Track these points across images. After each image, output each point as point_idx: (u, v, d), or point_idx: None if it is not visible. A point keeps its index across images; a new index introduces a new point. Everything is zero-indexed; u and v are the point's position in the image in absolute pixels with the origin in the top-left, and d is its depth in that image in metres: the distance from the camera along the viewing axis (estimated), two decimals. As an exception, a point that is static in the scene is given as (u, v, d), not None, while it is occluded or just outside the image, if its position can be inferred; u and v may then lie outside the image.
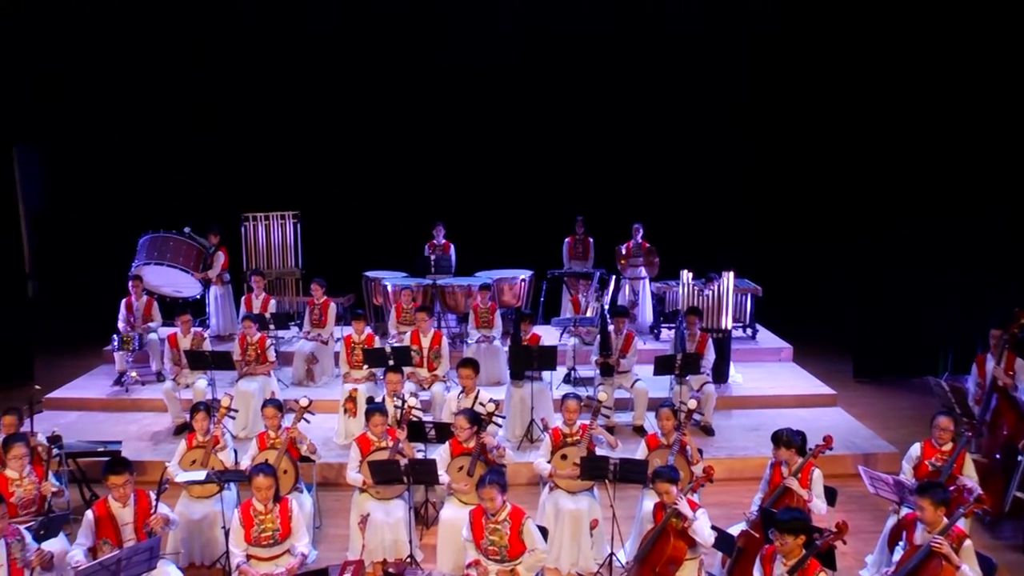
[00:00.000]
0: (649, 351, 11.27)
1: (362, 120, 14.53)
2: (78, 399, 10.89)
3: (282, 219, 12.92)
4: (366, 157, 14.60)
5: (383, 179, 14.65)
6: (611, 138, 14.49)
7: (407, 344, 9.92)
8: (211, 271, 12.27)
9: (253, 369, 10.12)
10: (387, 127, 14.51)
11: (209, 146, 14.39)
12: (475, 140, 14.47)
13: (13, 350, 11.94)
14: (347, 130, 14.59)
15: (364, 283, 12.61)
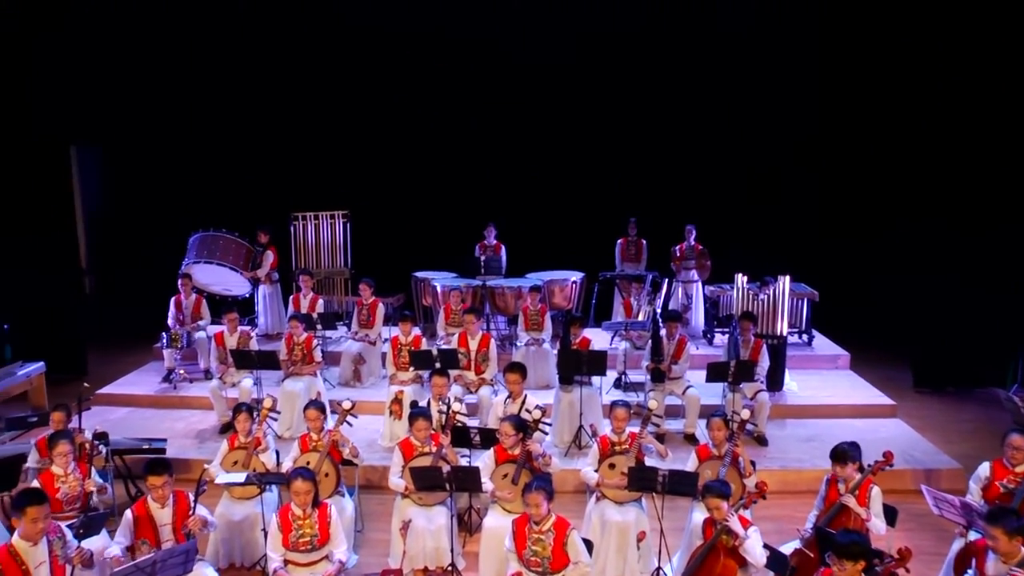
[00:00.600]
0: (702, 356, 11.01)
1: (413, 119, 14.46)
2: (127, 395, 10.94)
3: (331, 218, 12.87)
4: (417, 157, 14.53)
5: (434, 179, 14.57)
6: (664, 138, 14.25)
7: (454, 347, 9.77)
8: (260, 270, 12.27)
9: (299, 369, 10.04)
10: (439, 127, 14.43)
11: (260, 145, 14.42)
12: (528, 140, 14.32)
13: (68, 345, 12.05)
14: (398, 129, 14.54)
15: (413, 283, 12.52)
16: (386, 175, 14.50)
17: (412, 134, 14.47)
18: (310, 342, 10.13)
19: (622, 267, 13.07)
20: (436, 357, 9.23)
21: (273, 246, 12.39)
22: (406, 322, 10.05)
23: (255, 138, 14.37)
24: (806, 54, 13.57)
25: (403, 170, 14.51)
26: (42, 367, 10.49)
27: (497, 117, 14.25)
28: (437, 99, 14.36)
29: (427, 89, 14.30)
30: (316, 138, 14.31)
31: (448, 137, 14.43)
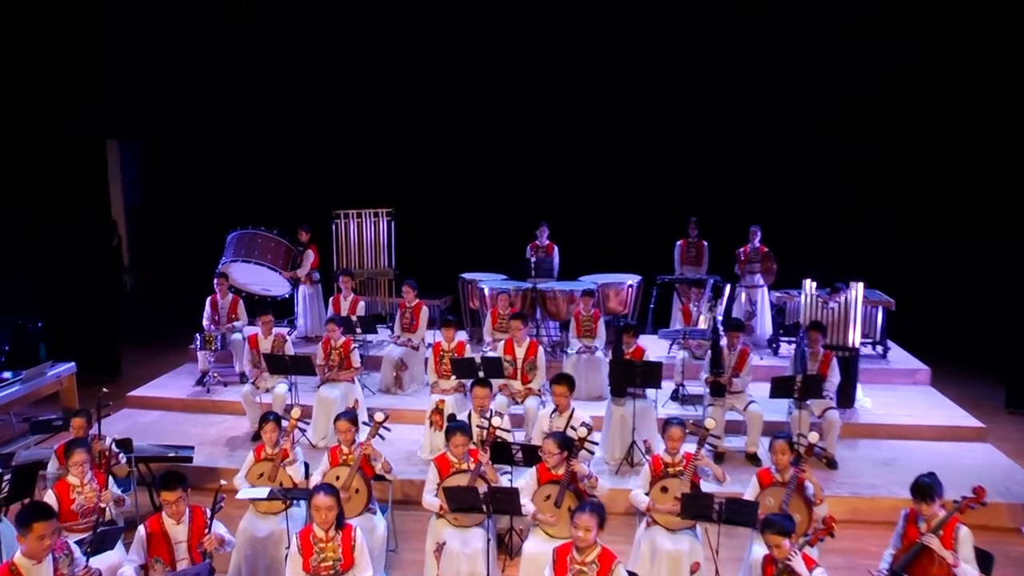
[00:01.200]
0: (766, 368, 10.57)
1: (462, 113, 14.32)
2: (159, 398, 10.89)
3: (375, 216, 12.68)
4: (466, 152, 14.38)
5: (484, 175, 14.40)
6: (728, 133, 13.84)
7: (500, 354, 9.47)
8: (300, 270, 12.15)
9: (336, 375, 9.83)
10: (490, 121, 14.26)
11: (301, 141, 14.42)
12: (584, 135, 14.08)
13: (102, 345, 12.09)
14: (446, 124, 14.40)
15: (460, 285, 12.34)
16: (433, 171, 14.37)
17: (461, 128, 14.33)
18: (348, 346, 9.92)
19: (681, 270, 12.71)
20: (479, 365, 8.95)
21: (314, 245, 12.26)
22: (449, 327, 9.80)
23: (297, 133, 14.37)
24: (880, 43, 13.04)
25: (451, 166, 14.37)
26: (73, 368, 10.45)
27: (551, 112, 14.03)
28: (488, 93, 14.18)
29: (478, 83, 14.13)
30: (360, 133, 14.25)
31: (499, 132, 14.24)
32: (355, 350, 9.98)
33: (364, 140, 14.29)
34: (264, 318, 10.10)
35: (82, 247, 11.95)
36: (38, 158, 12.12)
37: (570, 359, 10.57)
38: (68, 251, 11.95)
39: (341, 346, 9.90)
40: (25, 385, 9.74)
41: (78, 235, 11.95)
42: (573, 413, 7.89)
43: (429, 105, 14.26)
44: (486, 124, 14.26)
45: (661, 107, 13.84)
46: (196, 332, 10.91)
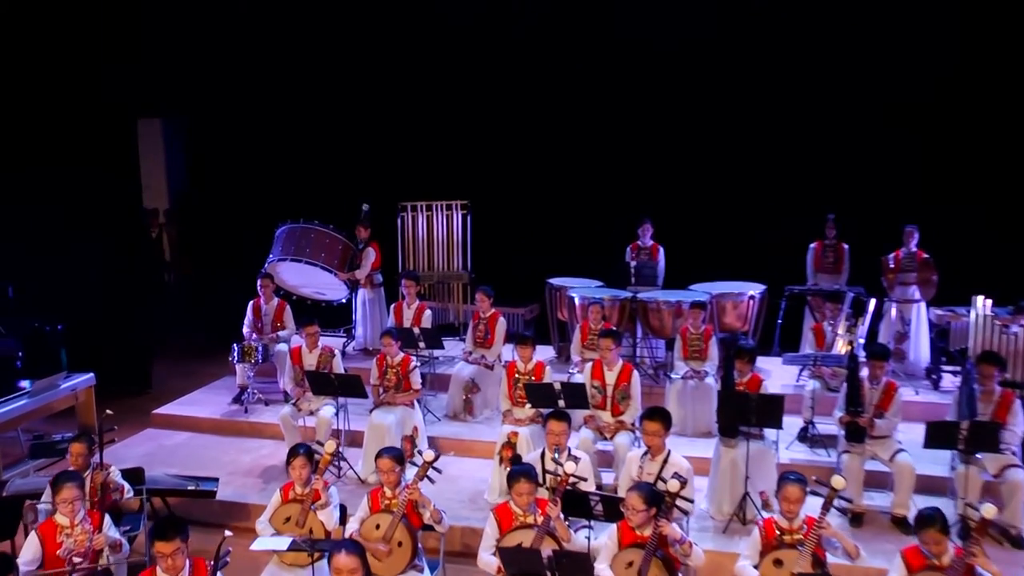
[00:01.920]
0: (921, 406, 9.87)
1: (550, 93, 13.99)
2: (188, 418, 10.87)
3: (448, 210, 12.56)
4: (555, 136, 14.04)
5: (577, 163, 14.04)
6: (871, 113, 12.98)
7: (586, 379, 9.01)
8: (359, 271, 11.98)
9: (392, 397, 9.52)
10: (583, 101, 13.92)
11: (364, 122, 14.42)
12: (695, 119, 13.56)
13: (131, 352, 12.15)
14: (531, 103, 14.07)
15: (547, 292, 12.11)
16: (516, 157, 14.04)
17: (549, 109, 13.99)
18: (407, 364, 9.60)
19: (815, 279, 12.07)
20: (559, 393, 8.50)
21: (376, 242, 12.13)
22: (526, 345, 9.34)
23: (360, 113, 14.41)
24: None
25: (537, 151, 14.02)
26: (91, 379, 10.30)
27: (657, 91, 13.57)
28: (581, 69, 13.84)
29: (568, 58, 13.81)
30: (431, 113, 14.09)
31: (595, 113, 13.87)
32: (415, 369, 9.65)
33: (436, 121, 14.08)
34: (309, 329, 9.87)
35: (111, 240, 12.00)
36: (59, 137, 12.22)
37: (674, 386, 10.13)
38: (95, 245, 12.00)
39: (399, 364, 9.59)
40: (34, 399, 9.59)
41: (107, 227, 12.00)
42: (669, 457, 7.33)
43: (512, 81, 13.97)
44: (579, 103, 13.90)
45: (790, 82, 13.15)
46: (235, 341, 10.77)
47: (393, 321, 11.15)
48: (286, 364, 10.27)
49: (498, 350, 10.74)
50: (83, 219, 12.05)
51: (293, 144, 14.54)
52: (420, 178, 13.33)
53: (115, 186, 12.01)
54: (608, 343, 9.03)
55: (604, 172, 13.97)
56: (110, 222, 12.04)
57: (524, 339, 9.39)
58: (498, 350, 10.74)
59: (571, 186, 14.07)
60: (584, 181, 14.02)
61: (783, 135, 13.30)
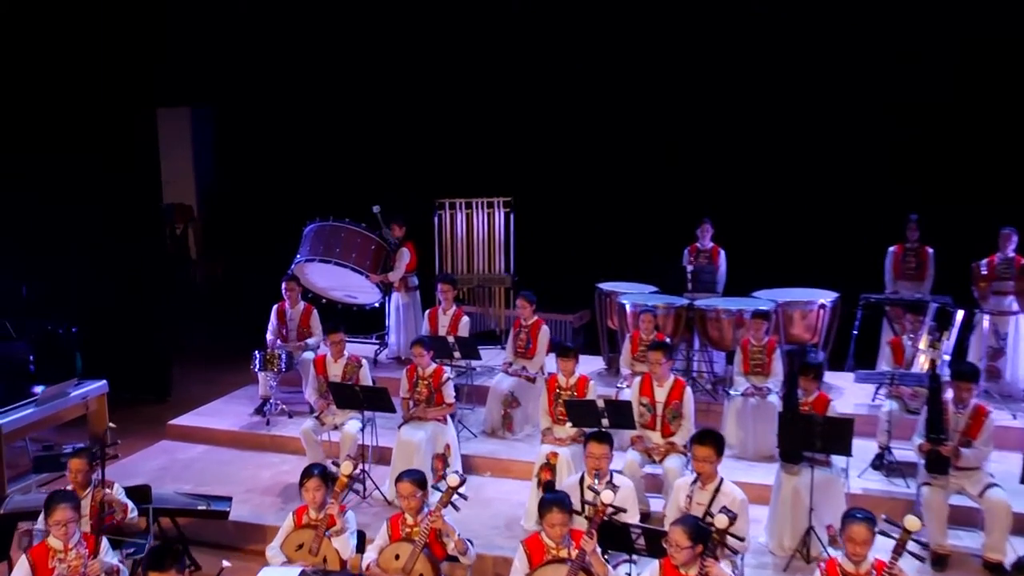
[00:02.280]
0: (1018, 432, 9.54)
1: (600, 82, 13.96)
2: (206, 429, 10.89)
3: (489, 207, 12.51)
4: (606, 129, 13.98)
5: (629, 158, 13.95)
6: (964, 101, 12.59)
7: (634, 396, 8.84)
8: (392, 273, 11.95)
9: (422, 412, 9.36)
10: (635, 92, 13.84)
11: (399, 114, 14.49)
12: (761, 109, 13.36)
13: (150, 357, 12.21)
14: (579, 95, 14.04)
15: (597, 298, 11.96)
16: (563, 151, 14.01)
17: (598, 101, 13.94)
18: (440, 376, 9.46)
19: (894, 287, 11.77)
20: (602, 411, 8.29)
21: (411, 242, 12.12)
22: (568, 357, 9.13)
23: (394, 104, 14.51)
24: None
25: (586, 146, 13.98)
26: (104, 387, 10.34)
27: (718, 83, 13.45)
28: (633, 59, 13.75)
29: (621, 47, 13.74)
30: (471, 104, 14.16)
31: (648, 105, 13.74)
32: (448, 381, 9.52)
33: (477, 111, 14.07)
34: (334, 336, 9.79)
35: (128, 237, 11.99)
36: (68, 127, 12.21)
37: (733, 404, 9.89)
38: (111, 242, 12.03)
39: (431, 375, 9.47)
40: (41, 408, 9.60)
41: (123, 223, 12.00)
42: (721, 486, 7.05)
43: (558, 68, 13.93)
44: (632, 92, 13.77)
45: (868, 67, 12.86)
46: (256, 349, 10.74)
47: (427, 328, 11.08)
48: (310, 374, 10.17)
49: (540, 361, 10.60)
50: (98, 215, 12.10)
51: (324, 136, 14.69)
52: (459, 173, 13.40)
53: (131, 180, 12.01)
54: (658, 356, 8.80)
55: (660, 167, 13.86)
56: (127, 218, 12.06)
57: (566, 350, 9.19)
58: (540, 361, 10.60)
59: (624, 182, 13.97)
60: (638, 176, 13.91)
61: (859, 124, 13.04)
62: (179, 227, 15.71)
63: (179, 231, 15.66)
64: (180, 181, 15.67)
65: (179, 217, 15.74)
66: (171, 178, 15.25)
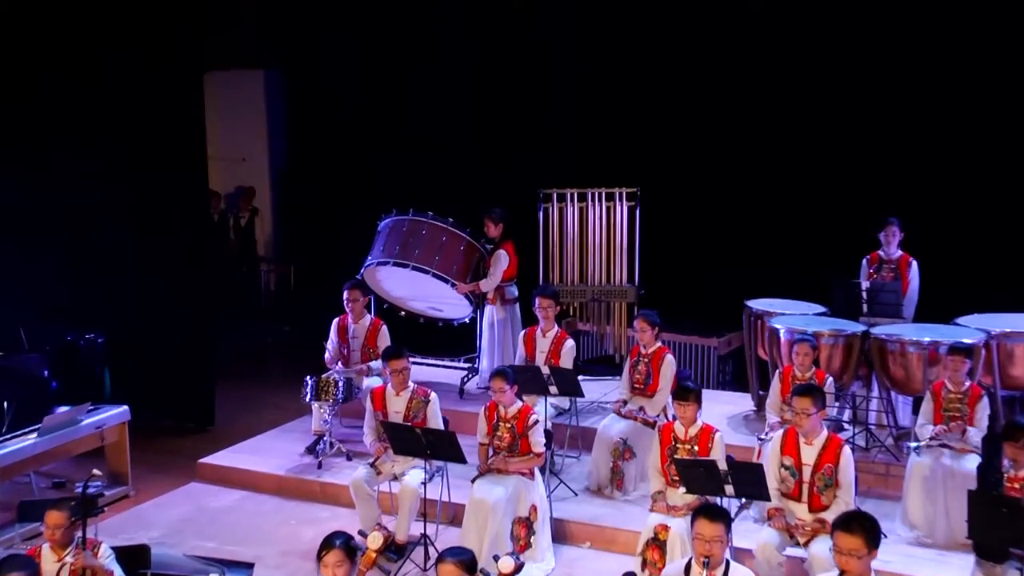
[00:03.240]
0: None
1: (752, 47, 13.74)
2: (245, 472, 10.85)
3: (608, 200, 12.21)
4: (759, 103, 13.76)
5: (790, 140, 13.64)
6: None
7: (772, 454, 8.35)
8: (485, 281, 11.72)
9: (502, 463, 8.99)
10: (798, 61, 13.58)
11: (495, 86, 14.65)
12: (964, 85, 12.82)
13: (192, 377, 12.19)
14: (726, 62, 13.86)
15: (746, 320, 11.67)
16: (704, 129, 13.94)
17: (751, 69, 13.75)
18: (526, 417, 9.02)
19: None
20: (725, 475, 7.80)
21: (510, 242, 11.89)
22: (686, 400, 8.61)
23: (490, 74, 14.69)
24: None
25: (733, 122, 13.79)
26: (124, 413, 10.29)
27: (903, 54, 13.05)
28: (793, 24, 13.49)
29: None
30: (587, 71, 14.31)
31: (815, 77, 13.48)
32: (537, 425, 9.07)
33: (594, 80, 14.29)
34: (395, 363, 9.47)
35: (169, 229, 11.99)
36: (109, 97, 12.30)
37: (918, 467, 9.22)
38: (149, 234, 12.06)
39: (515, 416, 9.07)
40: (45, 438, 9.50)
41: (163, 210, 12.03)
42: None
43: (696, 31, 13.82)
44: (795, 61, 13.51)
45: None
46: (308, 374, 10.63)
47: (522, 354, 10.82)
48: (367, 409, 9.92)
49: (663, 401, 10.15)
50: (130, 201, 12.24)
51: (407, 110, 14.76)
52: (571, 155, 13.62)
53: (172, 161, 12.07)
54: (805, 404, 8.17)
55: (834, 151, 13.58)
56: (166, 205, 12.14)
57: (685, 391, 8.71)
58: (663, 401, 10.15)
59: (786, 168, 13.82)
60: (805, 163, 13.71)
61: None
62: (243, 216, 15.89)
63: (244, 221, 15.84)
64: (253, 159, 15.90)
65: (244, 204, 15.77)
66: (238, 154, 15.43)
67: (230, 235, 16.63)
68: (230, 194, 16.92)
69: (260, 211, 16.61)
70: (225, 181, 16.70)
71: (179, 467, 10.85)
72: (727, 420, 11.16)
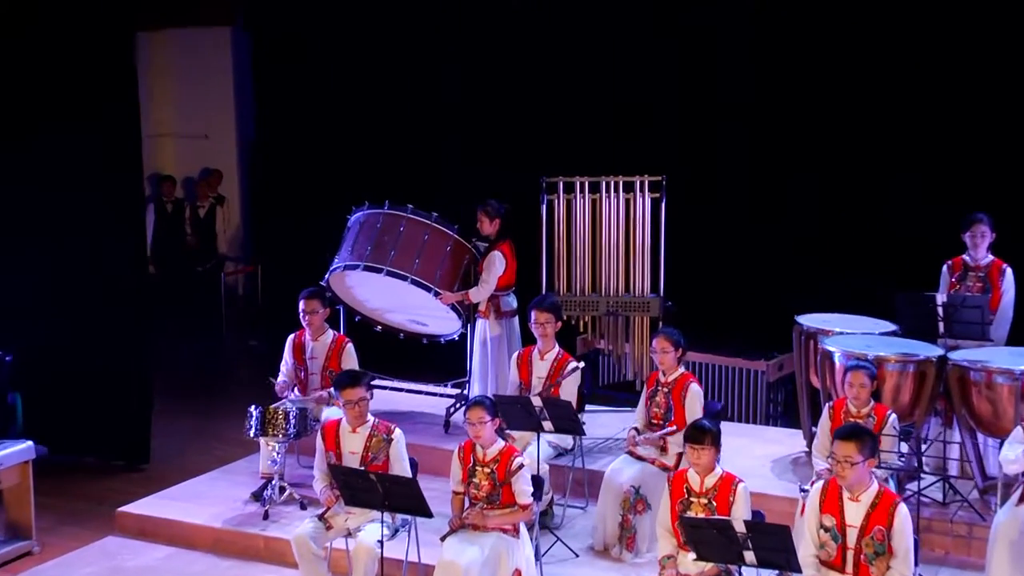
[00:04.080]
0: None
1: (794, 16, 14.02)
2: (174, 523, 10.52)
3: (627, 191, 11.98)
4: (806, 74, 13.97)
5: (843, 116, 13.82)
6: None
7: (811, 512, 8.05)
8: (476, 290, 11.47)
9: (479, 517, 8.67)
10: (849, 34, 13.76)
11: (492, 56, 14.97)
12: None
13: (124, 405, 11.92)
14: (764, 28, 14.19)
15: (796, 339, 11.38)
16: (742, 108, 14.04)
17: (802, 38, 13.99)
18: (508, 459, 8.71)
19: None
20: (743, 539, 7.45)
21: (507, 242, 11.68)
22: (700, 444, 8.25)
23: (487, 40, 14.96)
24: None
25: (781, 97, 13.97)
26: (29, 451, 10.02)
27: None
28: None
29: None
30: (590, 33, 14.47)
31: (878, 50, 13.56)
32: (523, 470, 8.74)
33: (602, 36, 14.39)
34: (348, 393, 9.09)
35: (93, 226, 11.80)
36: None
37: (1005, 527, 8.78)
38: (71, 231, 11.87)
39: (495, 458, 8.76)
40: None
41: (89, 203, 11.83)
42: None
43: None
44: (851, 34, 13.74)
45: None
46: (254, 402, 10.37)
47: (515, 380, 10.67)
48: (317, 449, 9.62)
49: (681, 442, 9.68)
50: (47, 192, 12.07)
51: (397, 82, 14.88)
52: (581, 136, 13.66)
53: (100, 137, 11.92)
54: (849, 450, 7.74)
55: (909, 132, 13.64)
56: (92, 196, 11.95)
57: (699, 433, 8.30)
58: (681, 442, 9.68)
59: (846, 151, 13.85)
60: (870, 143, 13.74)
61: None
62: (203, 206, 15.83)
63: (203, 211, 15.77)
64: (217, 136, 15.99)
65: (204, 191, 15.67)
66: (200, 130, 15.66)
67: (186, 228, 16.54)
68: (191, 179, 16.87)
69: (227, 200, 16.54)
70: (186, 162, 16.71)
71: (99, 516, 10.63)
72: (772, 464, 10.89)
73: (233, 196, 16.93)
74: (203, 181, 16.37)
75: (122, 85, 12.10)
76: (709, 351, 12.14)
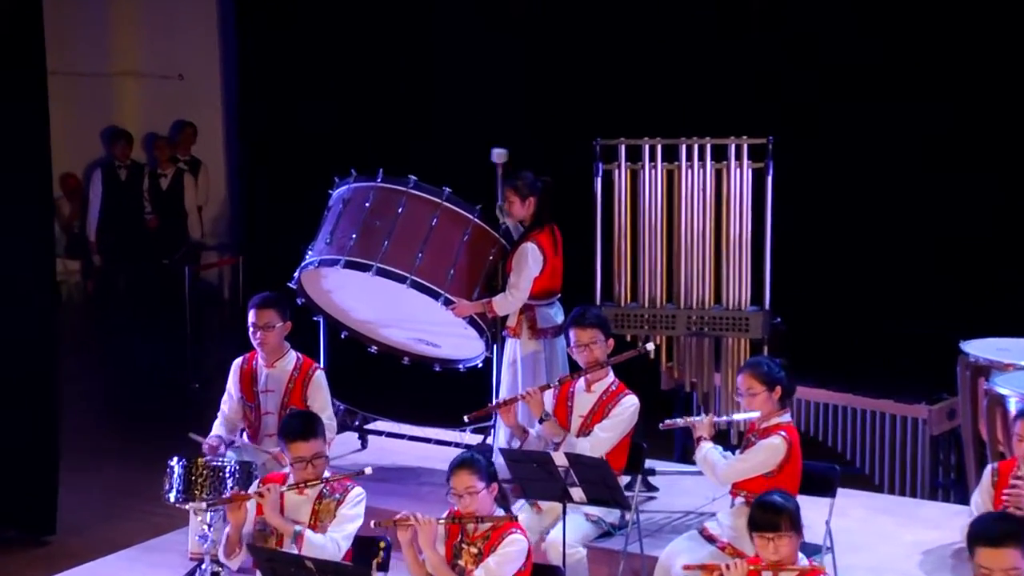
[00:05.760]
0: None
1: None
2: None
3: (717, 159, 11.68)
4: None
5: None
6: None
7: None
8: (502, 297, 11.16)
9: None
10: None
11: None
12: None
13: (25, 458, 11.83)
14: None
15: (960, 375, 11.45)
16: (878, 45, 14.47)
17: None
18: (499, 538, 8.50)
19: None
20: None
21: (546, 231, 11.36)
22: (777, 531, 7.89)
23: None
24: None
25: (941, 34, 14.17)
26: None
27: None
28: None
29: None
30: None
31: None
32: (514, 549, 8.48)
33: None
34: (296, 446, 8.84)
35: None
36: None
37: None
38: None
39: (485, 535, 8.54)
40: None
41: None
42: None
43: None
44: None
45: None
46: (177, 454, 10.14)
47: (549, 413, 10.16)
48: (249, 515, 9.27)
49: None
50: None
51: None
52: (650, 85, 13.54)
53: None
54: (1006, 560, 7.19)
55: None
56: None
57: (768, 514, 7.91)
58: None
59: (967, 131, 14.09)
60: None
61: None
62: (163, 173, 16.03)
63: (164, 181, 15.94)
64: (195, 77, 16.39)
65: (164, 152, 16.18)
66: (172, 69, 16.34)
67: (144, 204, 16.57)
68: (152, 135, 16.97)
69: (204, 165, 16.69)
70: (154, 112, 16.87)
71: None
72: (923, 556, 10.11)
73: (215, 162, 16.95)
74: (162, 140, 16.36)
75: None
76: (842, 389, 11.81)
